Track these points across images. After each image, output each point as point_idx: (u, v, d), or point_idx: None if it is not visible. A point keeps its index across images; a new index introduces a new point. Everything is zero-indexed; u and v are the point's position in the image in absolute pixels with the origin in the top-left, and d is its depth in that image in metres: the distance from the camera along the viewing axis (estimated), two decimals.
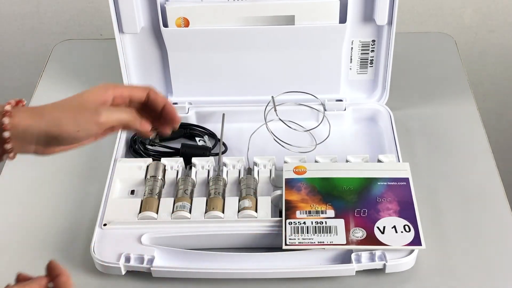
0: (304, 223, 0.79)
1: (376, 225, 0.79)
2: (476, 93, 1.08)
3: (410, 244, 0.77)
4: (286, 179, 0.85)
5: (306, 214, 0.80)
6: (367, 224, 0.79)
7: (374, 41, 0.96)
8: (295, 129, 0.95)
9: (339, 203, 0.81)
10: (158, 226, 0.81)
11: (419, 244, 0.77)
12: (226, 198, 0.84)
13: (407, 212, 0.80)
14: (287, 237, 0.78)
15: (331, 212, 0.80)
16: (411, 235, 0.78)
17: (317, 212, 0.80)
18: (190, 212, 0.83)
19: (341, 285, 0.78)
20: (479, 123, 1.00)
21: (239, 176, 0.88)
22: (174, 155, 0.93)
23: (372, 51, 0.97)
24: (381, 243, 0.77)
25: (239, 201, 0.84)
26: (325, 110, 0.98)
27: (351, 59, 0.97)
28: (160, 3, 0.91)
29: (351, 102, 0.99)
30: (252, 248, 0.81)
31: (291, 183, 0.84)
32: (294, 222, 0.79)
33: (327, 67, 0.97)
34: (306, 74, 0.97)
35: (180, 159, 0.90)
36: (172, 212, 0.83)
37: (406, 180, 0.84)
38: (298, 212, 0.81)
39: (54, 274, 0.59)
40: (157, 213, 0.83)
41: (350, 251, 0.77)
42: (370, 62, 0.98)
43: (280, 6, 0.90)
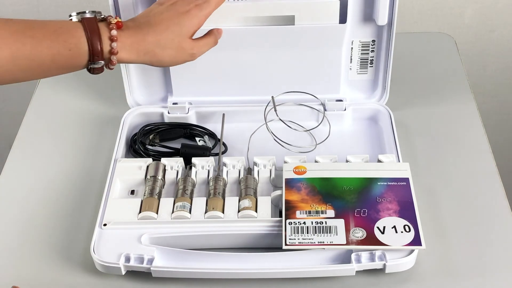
0: (304, 223, 0.79)
1: (376, 225, 0.79)
2: (476, 93, 1.08)
3: (410, 244, 0.77)
4: (286, 179, 0.85)
5: (306, 214, 0.80)
6: (367, 224, 0.79)
7: (374, 41, 0.96)
8: (295, 129, 0.95)
9: (339, 203, 0.81)
10: (158, 226, 0.81)
11: (419, 244, 0.77)
12: (226, 198, 0.84)
13: (407, 212, 0.80)
14: (287, 237, 0.78)
15: (331, 212, 0.80)
16: (411, 235, 0.78)
17: (317, 212, 0.80)
18: (190, 212, 0.83)
19: (341, 285, 0.78)
20: (479, 123, 1.00)
21: (239, 176, 0.88)
22: (174, 155, 0.93)
23: (372, 51, 0.97)
24: (381, 243, 0.77)
25: (239, 201, 0.84)
26: (325, 110, 0.98)
27: (351, 59, 0.97)
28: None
29: (351, 102, 0.99)
30: (252, 248, 0.81)
31: (291, 183, 0.84)
32: (294, 222, 0.79)
33: (327, 67, 0.97)
34: (306, 74, 0.97)
35: (180, 159, 0.90)
36: (172, 212, 0.83)
37: (406, 180, 0.84)
38: (298, 212, 0.81)
39: None
40: (157, 213, 0.83)
41: (350, 251, 0.77)
42: (370, 62, 0.98)
43: (280, 6, 0.90)
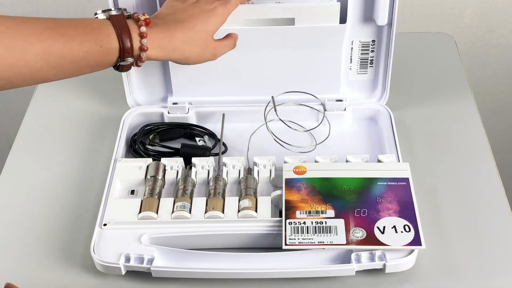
0: (304, 223, 0.79)
1: (376, 225, 0.79)
2: (476, 93, 1.08)
3: (410, 244, 0.77)
4: (286, 179, 0.85)
5: (306, 214, 0.80)
6: (367, 224, 0.79)
7: (374, 41, 0.96)
8: (295, 129, 0.95)
9: (339, 203, 0.81)
10: (158, 226, 0.81)
11: (419, 244, 0.77)
12: (226, 198, 0.84)
13: (407, 212, 0.80)
14: (287, 237, 0.78)
15: (331, 212, 0.80)
16: (411, 235, 0.78)
17: (317, 212, 0.80)
18: (190, 212, 0.83)
19: (341, 285, 0.78)
20: (479, 123, 1.00)
21: (239, 176, 0.88)
22: (174, 155, 0.93)
23: (372, 51, 0.97)
24: (381, 243, 0.77)
25: (239, 201, 0.84)
26: (325, 110, 0.98)
27: (351, 59, 0.97)
28: (161, 3, 0.91)
29: (351, 102, 0.99)
30: (252, 248, 0.81)
31: (291, 183, 0.84)
32: (294, 222, 0.79)
33: (327, 67, 0.97)
34: (306, 74, 0.97)
35: (180, 159, 0.90)
36: (172, 212, 0.83)
37: (406, 180, 0.84)
38: (298, 212, 0.81)
39: None
40: (157, 213, 0.83)
41: (350, 251, 0.77)
42: (370, 62, 0.98)
43: (280, 8, 0.90)
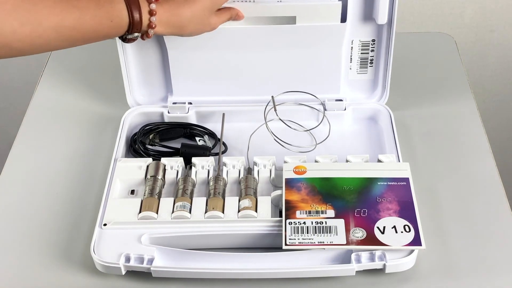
0: (304, 223, 0.79)
1: (376, 225, 0.79)
2: (476, 93, 1.08)
3: (410, 244, 0.77)
4: (286, 179, 0.85)
5: (306, 214, 0.80)
6: (367, 224, 0.79)
7: (374, 40, 0.96)
8: (295, 129, 0.95)
9: (339, 203, 0.81)
10: (158, 226, 0.81)
11: (419, 244, 0.77)
12: (226, 198, 0.84)
13: (407, 212, 0.80)
14: (287, 237, 0.78)
15: (331, 212, 0.80)
16: (411, 235, 0.78)
17: (317, 212, 0.80)
18: (190, 212, 0.83)
19: (341, 285, 0.78)
20: (479, 123, 1.00)
21: (239, 176, 0.88)
22: (174, 155, 0.93)
23: (372, 50, 0.97)
24: (381, 243, 0.77)
25: (239, 201, 0.84)
26: (325, 110, 0.98)
27: (351, 58, 0.97)
28: None
29: (351, 102, 0.99)
30: (252, 248, 0.81)
31: (291, 183, 0.84)
32: (294, 222, 0.79)
33: (327, 66, 0.97)
34: (306, 74, 0.97)
35: (180, 159, 0.90)
36: (172, 212, 0.83)
37: (406, 180, 0.84)
38: (298, 212, 0.81)
39: None
40: (157, 213, 0.83)
41: (350, 251, 0.77)
42: (370, 61, 0.98)
43: (282, 7, 0.90)
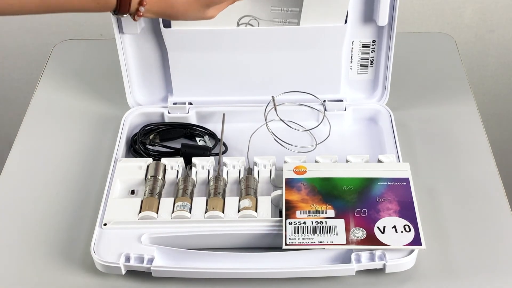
0: (304, 223, 0.79)
1: (376, 225, 0.79)
2: (476, 93, 1.08)
3: (410, 244, 0.77)
4: (286, 179, 0.85)
5: (306, 214, 0.80)
6: (367, 224, 0.79)
7: (374, 41, 0.96)
8: (295, 129, 0.95)
9: (339, 203, 0.81)
10: (158, 226, 0.81)
11: (419, 244, 0.77)
12: (226, 198, 0.84)
13: (407, 212, 0.80)
14: (287, 237, 0.78)
15: (331, 212, 0.80)
16: (411, 235, 0.78)
17: (317, 212, 0.80)
18: (190, 212, 0.83)
19: (341, 285, 0.78)
20: (479, 123, 1.00)
21: (239, 176, 0.88)
22: (174, 155, 0.93)
23: (373, 51, 0.97)
24: (381, 243, 0.77)
25: (239, 201, 0.84)
26: (325, 110, 0.98)
27: (352, 59, 0.97)
28: None
29: (351, 102, 0.99)
30: (252, 248, 0.81)
31: (291, 183, 0.84)
32: (294, 222, 0.79)
33: (328, 67, 0.97)
34: (306, 74, 0.97)
35: (180, 159, 0.90)
36: (172, 212, 0.83)
37: (406, 180, 0.84)
38: (298, 212, 0.81)
39: None
40: (157, 213, 0.83)
41: (350, 251, 0.77)
42: (370, 62, 0.98)
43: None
